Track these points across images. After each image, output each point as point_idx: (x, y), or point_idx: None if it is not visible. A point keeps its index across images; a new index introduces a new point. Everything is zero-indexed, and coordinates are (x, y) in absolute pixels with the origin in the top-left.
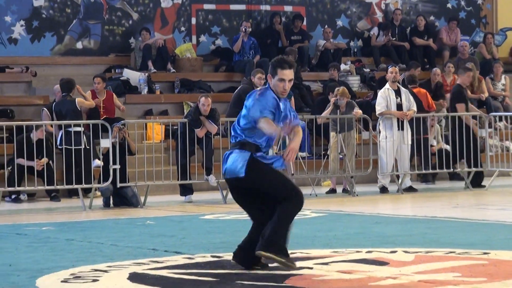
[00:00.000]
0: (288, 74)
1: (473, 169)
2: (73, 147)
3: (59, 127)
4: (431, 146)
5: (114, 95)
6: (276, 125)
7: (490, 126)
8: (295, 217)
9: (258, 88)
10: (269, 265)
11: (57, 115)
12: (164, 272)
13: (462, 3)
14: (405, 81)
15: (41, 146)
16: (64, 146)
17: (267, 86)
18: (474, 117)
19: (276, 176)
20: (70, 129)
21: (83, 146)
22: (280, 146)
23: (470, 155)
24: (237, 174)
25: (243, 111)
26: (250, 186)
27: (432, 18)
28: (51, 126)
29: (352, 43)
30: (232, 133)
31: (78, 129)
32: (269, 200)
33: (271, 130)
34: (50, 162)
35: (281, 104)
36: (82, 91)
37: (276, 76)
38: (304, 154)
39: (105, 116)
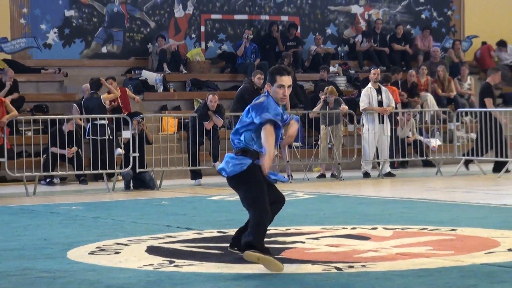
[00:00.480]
0: (287, 80)
1: (499, 159)
2: (98, 138)
3: (87, 120)
4: (407, 137)
5: (127, 90)
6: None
7: (457, 120)
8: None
9: (259, 99)
10: (265, 239)
11: (86, 110)
12: (177, 246)
13: (434, 14)
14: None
15: (71, 137)
16: (91, 137)
17: (266, 94)
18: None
19: (255, 191)
20: (96, 122)
21: (107, 137)
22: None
23: (497, 144)
24: (229, 173)
25: (244, 120)
26: (232, 187)
27: (408, 27)
28: (80, 119)
29: (339, 48)
30: (234, 143)
31: (103, 122)
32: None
33: (268, 145)
34: (79, 150)
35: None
36: (106, 83)
37: (276, 83)
38: (298, 144)
39: (126, 112)
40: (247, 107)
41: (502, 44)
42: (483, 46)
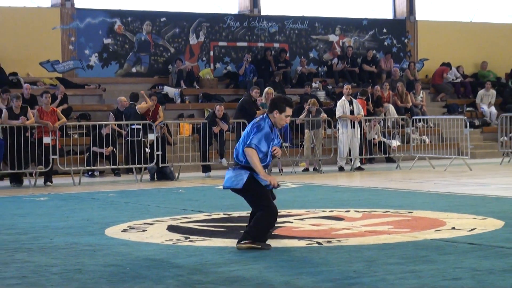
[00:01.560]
0: (291, 111)
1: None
2: (129, 138)
3: (127, 124)
4: (374, 139)
5: (160, 107)
6: (260, 161)
7: (413, 125)
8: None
9: (259, 119)
10: None
11: (125, 117)
12: (191, 225)
13: (394, 41)
14: (358, 93)
15: (108, 139)
16: (129, 138)
17: (265, 118)
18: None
19: (261, 195)
20: (133, 127)
21: (140, 138)
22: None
23: None
24: (235, 186)
25: (244, 138)
26: (242, 196)
27: (374, 51)
28: (115, 125)
29: (320, 69)
30: (237, 159)
31: (138, 126)
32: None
33: (255, 165)
34: (114, 149)
35: (272, 134)
36: (144, 94)
37: (284, 112)
38: (287, 144)
39: (151, 120)
40: (250, 124)
41: (447, 65)
42: (440, 67)
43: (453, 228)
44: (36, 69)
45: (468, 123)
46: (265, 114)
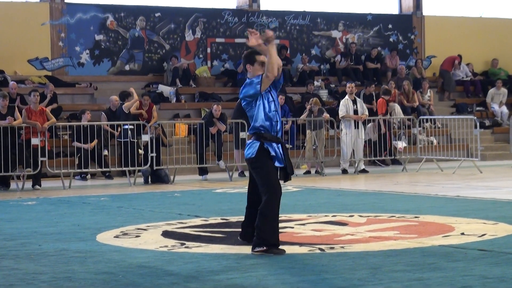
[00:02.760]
0: (263, 58)
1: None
2: (123, 140)
3: (119, 125)
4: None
5: (154, 107)
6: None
7: (419, 126)
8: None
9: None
10: None
11: (117, 117)
12: (187, 230)
13: (400, 38)
14: (381, 92)
15: (92, 131)
16: (121, 139)
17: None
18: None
19: (268, 172)
20: (125, 127)
21: (129, 139)
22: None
23: None
24: (249, 156)
25: (243, 101)
26: (250, 168)
27: (379, 48)
28: (107, 125)
29: (322, 66)
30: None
31: (126, 126)
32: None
33: (271, 57)
34: (106, 151)
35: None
36: (133, 91)
37: (256, 62)
38: (288, 146)
39: (145, 120)
40: (240, 100)
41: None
42: (451, 56)
43: (462, 233)
44: (24, 67)
45: (478, 124)
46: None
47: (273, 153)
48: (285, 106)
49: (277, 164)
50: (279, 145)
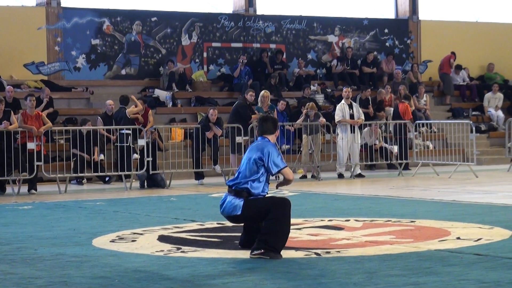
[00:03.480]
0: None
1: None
2: (118, 144)
3: (116, 130)
4: (375, 144)
5: (150, 111)
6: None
7: (415, 130)
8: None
9: (262, 142)
10: None
11: (115, 121)
12: (183, 235)
13: (396, 42)
14: (402, 97)
15: (94, 139)
16: (118, 144)
17: (267, 140)
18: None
19: (260, 204)
20: (122, 132)
21: (128, 144)
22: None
23: None
24: (234, 213)
25: (258, 159)
26: (246, 220)
27: (375, 53)
28: (103, 129)
29: (318, 71)
30: (238, 180)
31: (127, 131)
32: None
33: (292, 176)
34: (102, 156)
35: None
36: (135, 98)
37: (274, 134)
38: (285, 147)
39: (141, 125)
40: (255, 147)
41: (458, 67)
42: (445, 56)
43: (458, 238)
44: (20, 71)
45: (474, 128)
46: (260, 137)
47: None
48: (284, 112)
49: None
50: None
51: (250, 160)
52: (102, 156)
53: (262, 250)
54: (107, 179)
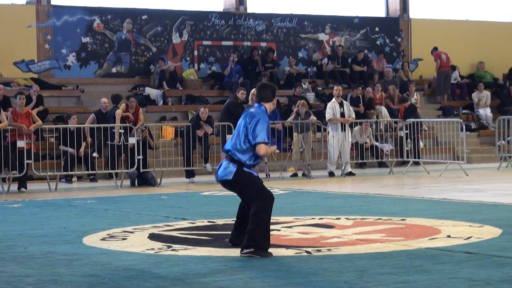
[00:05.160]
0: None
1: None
2: (109, 143)
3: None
4: (365, 143)
5: (140, 109)
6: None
7: (406, 129)
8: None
9: (257, 110)
10: None
11: (109, 119)
12: (174, 233)
13: (387, 40)
14: (399, 100)
15: (79, 134)
16: (109, 143)
17: (263, 110)
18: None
19: (251, 183)
20: (114, 130)
21: (120, 143)
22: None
23: None
24: (226, 177)
25: (244, 128)
26: (233, 189)
27: (366, 51)
28: (91, 127)
29: (309, 69)
30: (230, 147)
31: (121, 130)
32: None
33: (267, 152)
34: (94, 154)
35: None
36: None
37: (274, 99)
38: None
39: (132, 123)
40: (248, 114)
41: (452, 68)
42: (435, 52)
43: (449, 236)
44: (9, 69)
45: (464, 126)
46: (262, 107)
47: (255, 174)
48: (276, 110)
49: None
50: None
51: (240, 127)
52: (95, 154)
53: (252, 249)
54: (91, 177)
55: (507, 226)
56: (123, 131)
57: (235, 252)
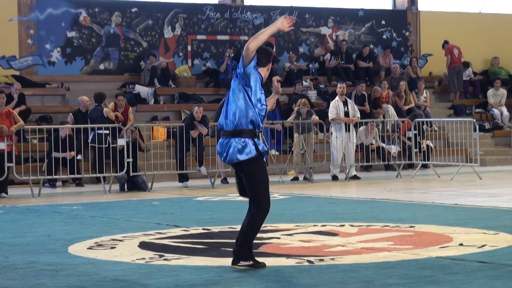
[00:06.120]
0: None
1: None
2: (97, 145)
3: (91, 128)
4: (371, 144)
5: (130, 109)
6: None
7: (415, 129)
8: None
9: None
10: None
11: (90, 120)
12: (166, 241)
13: (394, 35)
14: (399, 94)
15: (71, 141)
16: (94, 145)
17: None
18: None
19: (262, 180)
20: (99, 132)
21: (106, 145)
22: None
23: None
24: (237, 159)
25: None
26: (241, 172)
27: (371, 46)
28: (71, 129)
29: (310, 65)
30: (225, 121)
31: (105, 131)
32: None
33: (263, 34)
34: (79, 156)
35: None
36: (110, 110)
37: (269, 65)
38: (275, 152)
39: (121, 123)
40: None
41: (465, 65)
42: (447, 47)
43: (461, 244)
44: None
45: (477, 126)
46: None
47: (260, 145)
48: (275, 110)
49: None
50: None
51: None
52: (79, 157)
53: (251, 262)
54: (77, 182)
55: None
56: (108, 132)
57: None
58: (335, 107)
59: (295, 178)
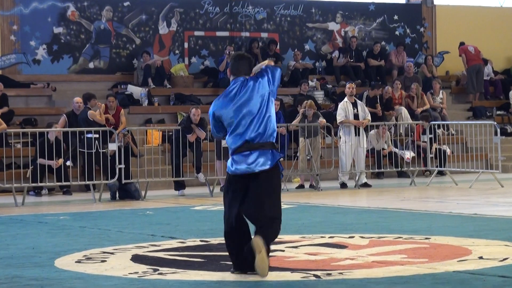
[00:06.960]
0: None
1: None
2: (86, 150)
3: (81, 132)
4: (383, 149)
5: (122, 111)
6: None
7: (430, 133)
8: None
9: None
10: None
11: (79, 123)
12: (161, 254)
13: (408, 31)
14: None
15: (58, 146)
16: (80, 150)
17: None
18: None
19: (279, 194)
20: (89, 136)
21: (94, 150)
22: None
23: None
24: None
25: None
26: (261, 182)
27: (383, 43)
28: (60, 133)
29: (317, 64)
30: (265, 131)
31: (89, 135)
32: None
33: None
34: (67, 162)
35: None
36: (101, 111)
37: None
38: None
39: (112, 126)
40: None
41: (484, 62)
42: (460, 47)
43: (481, 257)
44: None
45: (498, 130)
46: (233, 81)
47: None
48: (279, 112)
49: None
50: None
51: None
52: (68, 163)
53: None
54: (64, 190)
55: None
56: (97, 136)
57: (232, 276)
58: (344, 109)
59: (301, 186)
